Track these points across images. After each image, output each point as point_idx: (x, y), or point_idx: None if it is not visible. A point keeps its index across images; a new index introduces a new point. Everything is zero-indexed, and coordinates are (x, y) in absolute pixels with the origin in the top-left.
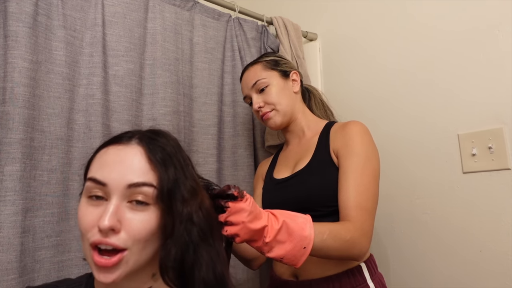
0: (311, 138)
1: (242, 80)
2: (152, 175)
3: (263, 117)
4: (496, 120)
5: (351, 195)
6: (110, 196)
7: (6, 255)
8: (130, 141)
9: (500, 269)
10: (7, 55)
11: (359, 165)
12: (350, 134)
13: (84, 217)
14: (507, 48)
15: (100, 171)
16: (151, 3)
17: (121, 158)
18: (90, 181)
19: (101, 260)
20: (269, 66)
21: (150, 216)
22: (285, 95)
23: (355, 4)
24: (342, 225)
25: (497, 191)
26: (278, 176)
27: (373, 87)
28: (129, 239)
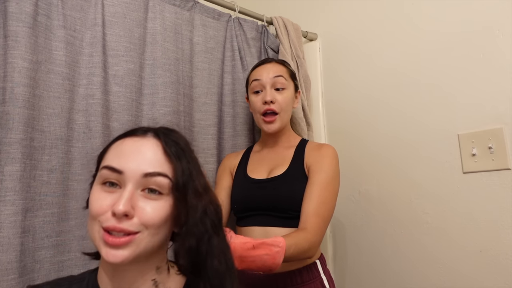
0: (287, 149)
1: (263, 68)
2: (167, 167)
3: (268, 118)
4: (496, 120)
5: (312, 205)
6: (125, 183)
7: (6, 255)
8: (145, 134)
9: (500, 269)
10: (7, 55)
11: (325, 181)
12: (323, 155)
13: (98, 201)
14: (507, 48)
15: (116, 160)
16: (151, 3)
17: (138, 149)
18: (106, 169)
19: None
20: (291, 75)
21: (163, 204)
22: (290, 106)
23: (355, 4)
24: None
25: (497, 191)
26: (253, 175)
27: (373, 87)
28: (141, 224)
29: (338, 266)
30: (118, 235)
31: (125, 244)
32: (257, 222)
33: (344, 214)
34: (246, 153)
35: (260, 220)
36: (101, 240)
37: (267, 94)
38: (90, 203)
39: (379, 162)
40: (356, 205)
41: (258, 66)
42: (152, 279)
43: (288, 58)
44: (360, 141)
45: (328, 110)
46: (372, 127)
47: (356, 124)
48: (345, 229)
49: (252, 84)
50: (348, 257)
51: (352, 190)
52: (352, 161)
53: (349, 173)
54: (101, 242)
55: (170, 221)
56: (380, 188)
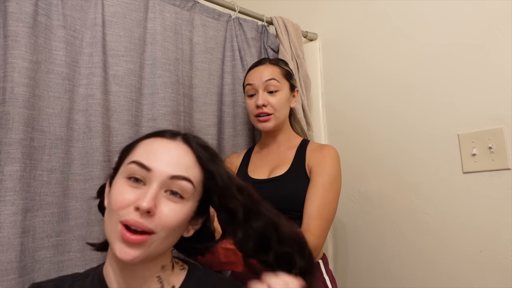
0: (288, 149)
1: (256, 70)
2: (194, 171)
3: (261, 117)
4: (496, 120)
5: (315, 206)
6: (150, 182)
7: (6, 255)
8: (175, 138)
9: (500, 269)
10: (7, 55)
11: (328, 182)
12: (325, 156)
13: (121, 195)
14: (507, 48)
15: (146, 157)
16: (151, 3)
17: (168, 150)
18: (135, 164)
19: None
20: (285, 75)
21: (182, 208)
22: (286, 106)
23: (355, 4)
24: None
25: (497, 191)
26: (254, 176)
27: (373, 87)
28: (159, 224)
29: (339, 266)
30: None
31: (139, 242)
32: None
33: (344, 214)
34: (247, 153)
35: None
36: (117, 235)
37: (259, 98)
38: (112, 195)
39: (379, 162)
40: (356, 205)
41: (252, 69)
42: (157, 276)
43: (288, 58)
44: (360, 141)
45: (328, 110)
46: (372, 127)
47: (356, 124)
48: (346, 229)
49: (246, 88)
50: (348, 257)
51: (352, 190)
52: (352, 161)
53: (349, 173)
54: (116, 237)
55: (184, 226)
56: (380, 188)
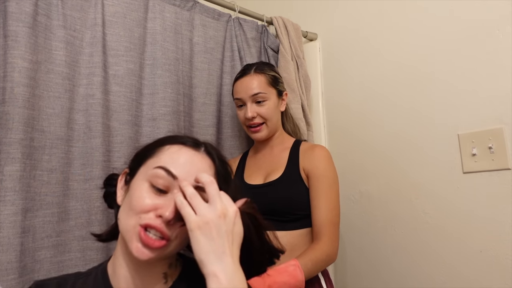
0: (281, 152)
1: (242, 83)
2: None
3: (252, 128)
4: (496, 120)
5: (324, 213)
6: (173, 190)
7: (6, 255)
8: (199, 149)
9: (500, 269)
10: (7, 55)
11: (327, 186)
12: (319, 158)
13: (145, 199)
14: (507, 48)
15: (174, 165)
16: (151, 3)
17: (194, 162)
18: (162, 170)
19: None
20: (271, 82)
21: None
22: (276, 113)
23: (355, 4)
24: (317, 249)
25: (497, 191)
26: (250, 181)
27: (373, 87)
28: (175, 233)
29: (339, 266)
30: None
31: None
32: None
33: (344, 214)
34: (242, 158)
35: None
36: (135, 234)
37: (248, 111)
38: (134, 197)
39: (379, 162)
40: (356, 205)
41: (237, 79)
42: (163, 272)
43: (288, 58)
44: (360, 141)
45: (328, 110)
46: (372, 127)
47: (356, 124)
48: (345, 229)
49: (235, 101)
50: (348, 257)
51: (352, 190)
52: (352, 161)
53: (349, 173)
54: (134, 236)
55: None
56: (380, 188)
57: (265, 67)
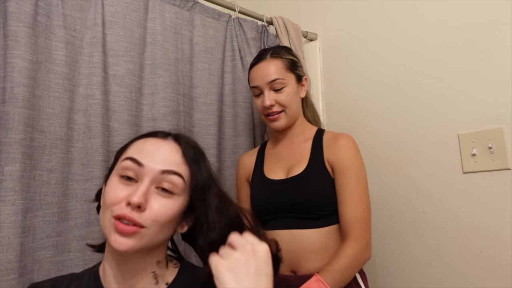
0: (303, 142)
1: (258, 70)
2: (184, 168)
3: (271, 117)
4: (496, 120)
5: (352, 209)
6: (142, 178)
7: (6, 255)
8: (166, 138)
9: (500, 269)
10: (7, 55)
11: (354, 179)
12: (344, 149)
13: (114, 192)
14: (507, 48)
15: (139, 154)
16: (151, 3)
17: (159, 148)
18: (128, 160)
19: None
20: (289, 66)
21: (173, 203)
22: (296, 100)
23: (355, 4)
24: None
25: (497, 191)
26: (271, 176)
27: (373, 87)
28: (149, 219)
29: None
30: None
31: (132, 233)
32: (282, 225)
33: None
34: (261, 151)
35: (284, 223)
36: (111, 227)
37: (266, 99)
38: (106, 192)
39: (379, 162)
40: None
41: (253, 66)
42: (152, 272)
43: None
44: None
45: (328, 110)
46: (372, 127)
47: (356, 124)
48: None
49: (251, 89)
50: None
51: None
52: None
53: None
54: (111, 229)
55: (176, 220)
56: (380, 188)
57: (282, 51)
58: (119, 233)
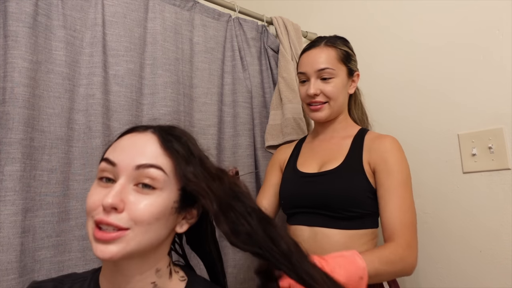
0: (343, 139)
1: (308, 56)
2: (163, 160)
3: (312, 106)
4: (496, 120)
5: (396, 215)
6: (118, 177)
7: (6, 255)
8: (145, 130)
9: (500, 269)
10: (7, 55)
11: (400, 183)
12: (388, 151)
13: (91, 196)
14: (507, 49)
15: (113, 153)
16: (151, 3)
17: (134, 143)
18: (103, 161)
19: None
20: (342, 58)
21: (155, 200)
22: (343, 94)
23: (355, 4)
24: (387, 248)
25: (497, 191)
26: (303, 169)
27: (373, 88)
28: (130, 220)
29: None
30: (108, 229)
31: (113, 239)
32: (306, 221)
33: None
34: (299, 144)
35: (308, 219)
36: (92, 236)
37: (311, 87)
38: (86, 199)
39: None
40: None
41: (305, 52)
42: (152, 282)
43: (288, 58)
44: None
45: None
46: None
47: None
48: None
49: (298, 75)
50: None
51: None
52: None
53: None
54: (92, 238)
55: (167, 218)
56: None
57: (337, 41)
58: (100, 241)
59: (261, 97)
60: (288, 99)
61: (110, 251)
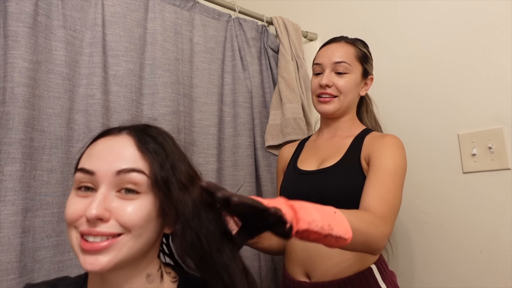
0: (345, 138)
1: (327, 49)
2: (143, 163)
3: (322, 98)
4: (496, 120)
5: (378, 190)
6: (98, 185)
7: (6, 255)
8: (120, 133)
9: (500, 269)
10: (7, 55)
11: (392, 168)
12: (387, 144)
13: (71, 207)
14: (507, 48)
15: (88, 161)
16: (151, 3)
17: (110, 147)
18: (79, 172)
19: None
20: (360, 57)
21: (142, 203)
22: (354, 92)
23: (355, 4)
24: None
25: (497, 191)
26: (302, 167)
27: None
28: (120, 226)
29: None
30: (95, 240)
31: (104, 248)
32: None
33: None
34: (302, 143)
35: None
36: (78, 247)
37: (324, 77)
38: (65, 210)
39: None
40: None
41: (324, 46)
42: None
43: (288, 58)
44: None
45: None
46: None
47: None
48: None
49: (313, 66)
50: None
51: None
52: None
53: None
54: (78, 249)
55: (155, 221)
56: None
57: (358, 41)
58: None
59: (261, 97)
60: (288, 99)
61: (100, 263)
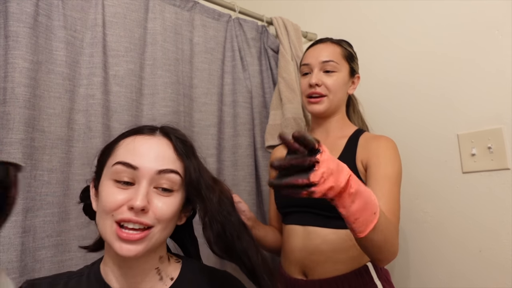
0: (339, 139)
1: (315, 49)
2: (179, 164)
3: (312, 99)
4: (496, 120)
5: (386, 201)
6: (139, 180)
7: (6, 254)
8: (154, 133)
9: (500, 268)
10: (8, 56)
11: (393, 175)
12: (382, 147)
13: (112, 197)
14: (506, 48)
15: (130, 156)
16: (151, 4)
17: (150, 146)
18: (120, 165)
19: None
20: (346, 56)
21: (174, 200)
22: (342, 90)
23: (355, 4)
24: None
25: (497, 191)
26: None
27: (372, 88)
28: (155, 218)
29: None
30: (134, 226)
31: (140, 239)
32: (298, 220)
33: None
34: None
35: (300, 218)
36: (113, 235)
37: (313, 76)
38: (103, 198)
39: None
40: None
41: (311, 47)
42: (156, 268)
43: (288, 58)
44: None
45: None
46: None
47: None
48: None
49: (301, 67)
50: None
51: None
52: None
53: None
54: (113, 237)
55: (178, 215)
56: None
57: (343, 41)
58: (125, 241)
59: (261, 97)
60: (288, 99)
61: (136, 250)
